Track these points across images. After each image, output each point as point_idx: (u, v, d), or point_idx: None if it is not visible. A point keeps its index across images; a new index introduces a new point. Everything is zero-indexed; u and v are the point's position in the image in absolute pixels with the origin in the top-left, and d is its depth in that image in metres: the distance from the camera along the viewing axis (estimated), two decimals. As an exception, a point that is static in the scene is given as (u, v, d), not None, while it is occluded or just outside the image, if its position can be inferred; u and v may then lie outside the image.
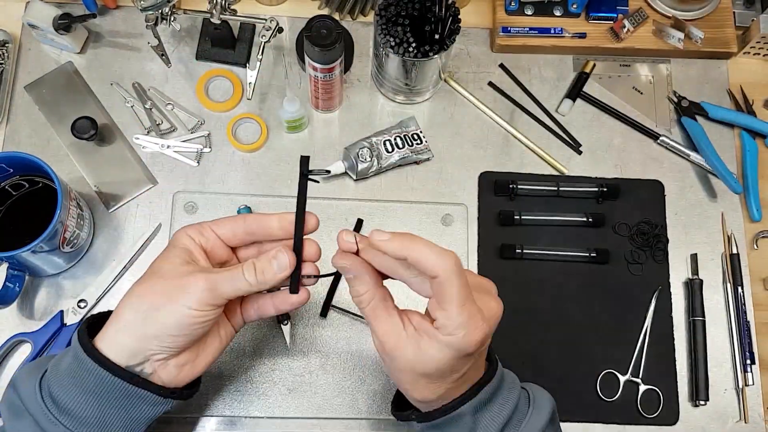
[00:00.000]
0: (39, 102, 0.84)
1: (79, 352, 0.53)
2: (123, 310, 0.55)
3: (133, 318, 0.54)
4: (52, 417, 0.53)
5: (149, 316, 0.53)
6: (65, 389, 0.53)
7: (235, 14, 0.80)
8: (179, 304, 0.53)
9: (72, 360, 0.54)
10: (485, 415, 0.55)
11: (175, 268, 0.55)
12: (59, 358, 0.56)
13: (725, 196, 0.86)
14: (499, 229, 0.83)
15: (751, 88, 0.91)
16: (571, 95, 0.89)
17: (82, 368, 0.53)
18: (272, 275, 0.55)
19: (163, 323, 0.53)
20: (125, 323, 0.54)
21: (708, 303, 0.81)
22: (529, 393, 0.59)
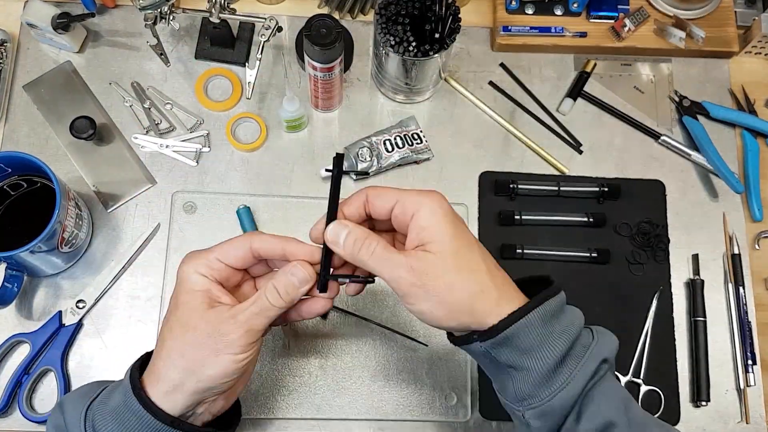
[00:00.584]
0: (37, 101, 0.83)
1: (130, 399, 0.52)
2: (167, 369, 0.53)
3: (179, 377, 0.52)
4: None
5: (196, 373, 0.52)
6: (107, 426, 0.53)
7: (235, 13, 0.80)
8: (224, 356, 0.52)
9: (121, 403, 0.53)
10: (555, 327, 0.52)
11: (203, 317, 0.53)
12: (109, 393, 0.55)
13: (726, 196, 0.86)
14: (500, 229, 0.83)
15: (753, 88, 0.91)
16: (572, 94, 0.88)
17: (130, 412, 0.52)
18: (296, 291, 0.54)
19: (212, 376, 0.52)
20: (173, 384, 0.53)
21: (709, 303, 0.81)
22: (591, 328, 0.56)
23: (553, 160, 0.85)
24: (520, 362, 0.52)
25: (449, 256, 0.51)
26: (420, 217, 0.52)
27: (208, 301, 0.54)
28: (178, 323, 0.54)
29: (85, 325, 0.76)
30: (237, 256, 0.56)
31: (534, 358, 0.51)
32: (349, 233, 0.53)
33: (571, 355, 0.52)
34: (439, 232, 0.52)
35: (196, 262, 0.55)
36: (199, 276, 0.54)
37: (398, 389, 0.76)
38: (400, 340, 0.78)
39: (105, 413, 0.53)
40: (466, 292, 0.51)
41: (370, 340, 0.77)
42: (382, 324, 0.77)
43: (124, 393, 0.53)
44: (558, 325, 0.52)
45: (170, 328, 0.54)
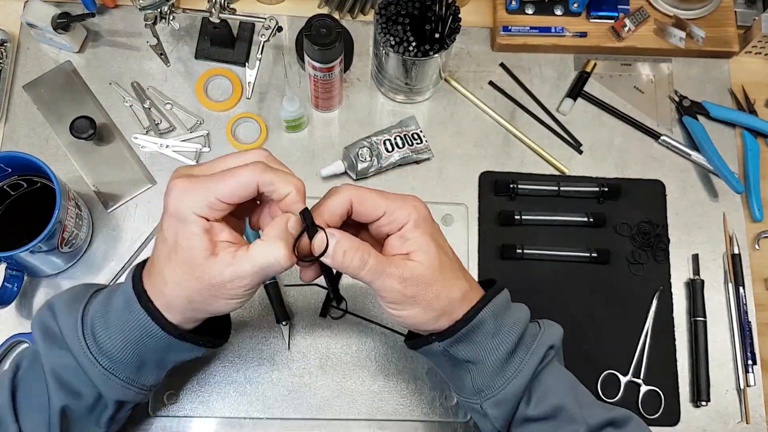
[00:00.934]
0: (37, 101, 0.83)
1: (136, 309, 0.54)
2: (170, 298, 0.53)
3: (182, 307, 0.54)
4: (91, 357, 0.55)
5: (201, 311, 0.54)
6: (110, 336, 0.55)
7: (235, 13, 0.80)
8: (227, 300, 0.53)
9: (125, 310, 0.55)
10: (506, 318, 0.58)
11: (206, 268, 0.51)
12: (107, 299, 0.57)
13: (726, 196, 0.86)
14: (500, 229, 0.83)
15: (753, 88, 0.91)
16: (572, 94, 0.88)
17: (135, 320, 0.54)
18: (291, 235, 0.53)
19: (214, 312, 0.55)
20: (175, 310, 0.54)
21: (709, 303, 0.81)
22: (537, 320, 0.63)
23: (553, 160, 0.85)
24: (476, 356, 0.57)
25: (436, 267, 0.55)
26: (407, 228, 0.55)
27: (210, 246, 0.51)
28: (180, 268, 0.52)
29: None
30: (242, 196, 0.52)
31: (488, 351, 0.57)
32: (338, 243, 0.53)
33: (521, 345, 0.58)
34: (425, 243, 0.55)
35: (191, 201, 0.51)
36: (196, 217, 0.51)
37: (398, 389, 0.76)
38: (400, 339, 0.78)
39: (106, 321, 0.55)
40: (448, 299, 0.55)
41: (370, 340, 0.77)
42: (382, 324, 0.77)
43: (128, 304, 0.54)
44: (507, 318, 0.58)
45: (173, 271, 0.52)
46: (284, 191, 0.53)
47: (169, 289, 0.53)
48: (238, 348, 0.76)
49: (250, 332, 0.76)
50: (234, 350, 0.76)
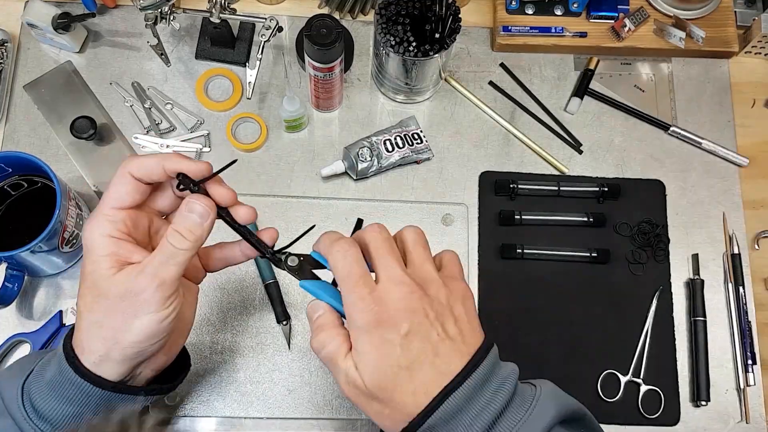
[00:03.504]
0: (38, 101, 0.83)
1: (65, 369, 0.51)
2: (89, 341, 0.50)
3: (104, 347, 0.50)
4: (32, 424, 0.51)
5: (119, 341, 0.50)
6: (46, 400, 0.51)
7: (235, 13, 0.80)
8: (142, 316, 0.49)
9: (57, 374, 0.51)
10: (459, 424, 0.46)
11: (112, 281, 0.49)
12: (44, 365, 0.53)
13: (726, 195, 0.86)
14: (500, 229, 0.83)
15: (753, 88, 0.91)
16: (578, 93, 0.88)
17: (66, 381, 0.51)
18: (200, 228, 0.51)
19: (136, 342, 0.50)
20: (99, 354, 0.50)
21: (709, 303, 0.81)
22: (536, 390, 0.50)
23: (552, 160, 0.86)
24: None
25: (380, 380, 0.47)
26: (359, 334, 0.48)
27: (117, 265, 0.49)
28: (89, 293, 0.50)
29: (86, 324, 0.76)
30: (128, 192, 0.50)
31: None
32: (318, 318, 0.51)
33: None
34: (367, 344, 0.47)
35: (96, 222, 0.50)
36: (104, 238, 0.49)
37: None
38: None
39: (42, 386, 0.52)
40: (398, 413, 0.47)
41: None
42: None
43: (59, 363, 0.51)
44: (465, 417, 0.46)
45: (83, 299, 0.50)
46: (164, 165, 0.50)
47: (83, 319, 0.50)
48: (238, 348, 0.76)
49: (251, 332, 0.77)
50: (234, 350, 0.76)
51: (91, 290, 0.50)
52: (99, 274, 0.49)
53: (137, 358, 0.51)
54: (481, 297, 0.80)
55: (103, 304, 0.49)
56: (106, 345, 0.50)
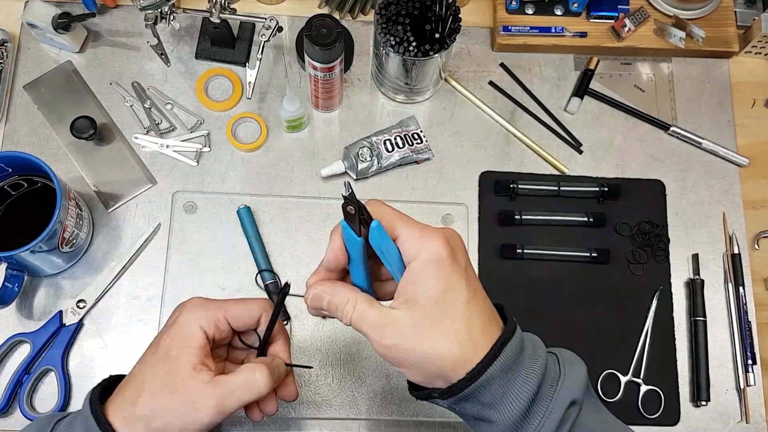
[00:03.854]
0: (38, 101, 0.83)
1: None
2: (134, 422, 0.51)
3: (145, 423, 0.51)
4: None
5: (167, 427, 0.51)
6: None
7: (235, 13, 0.80)
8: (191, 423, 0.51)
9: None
10: (517, 376, 0.48)
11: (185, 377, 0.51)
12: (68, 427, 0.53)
13: (726, 195, 0.86)
14: (500, 229, 0.83)
15: (753, 88, 0.91)
16: (579, 93, 0.88)
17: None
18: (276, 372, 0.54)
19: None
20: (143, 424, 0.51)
21: (709, 303, 0.81)
22: (557, 355, 0.52)
23: (553, 160, 0.86)
24: (486, 415, 0.49)
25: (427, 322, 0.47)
26: (412, 268, 0.48)
27: (197, 361, 0.52)
28: (162, 379, 0.52)
29: (86, 324, 0.76)
30: (246, 322, 0.55)
31: (499, 411, 0.48)
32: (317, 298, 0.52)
33: (537, 402, 0.48)
34: (425, 292, 0.47)
35: (201, 314, 0.53)
36: (200, 330, 0.53)
37: (399, 389, 0.76)
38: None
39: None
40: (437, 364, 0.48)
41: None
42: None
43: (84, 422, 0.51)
44: (521, 370, 0.48)
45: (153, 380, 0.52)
46: None
47: (141, 400, 0.51)
48: (238, 348, 0.76)
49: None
50: (234, 350, 0.76)
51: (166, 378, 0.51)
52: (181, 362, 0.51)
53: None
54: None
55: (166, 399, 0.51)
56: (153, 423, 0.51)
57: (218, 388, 0.51)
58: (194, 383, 0.51)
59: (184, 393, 0.51)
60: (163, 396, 0.51)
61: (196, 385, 0.51)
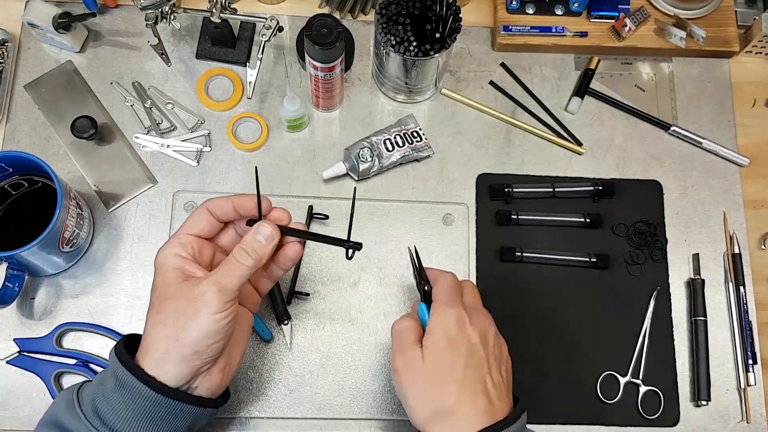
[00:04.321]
0: (38, 101, 0.83)
1: (127, 379, 0.55)
2: (153, 342, 0.56)
3: (165, 346, 0.55)
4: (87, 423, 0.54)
5: (181, 338, 0.55)
6: (116, 413, 0.54)
7: (235, 13, 0.80)
8: (201, 315, 0.55)
9: (116, 386, 0.55)
10: None
11: (177, 288, 0.56)
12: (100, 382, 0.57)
13: (727, 195, 0.86)
14: (498, 232, 0.82)
15: (753, 88, 0.91)
16: (579, 93, 0.88)
17: (132, 393, 0.54)
18: (263, 249, 0.58)
19: (196, 339, 0.55)
20: (162, 353, 0.55)
21: (710, 303, 0.81)
22: None
23: (564, 143, 0.86)
24: None
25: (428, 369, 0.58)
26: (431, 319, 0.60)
27: (183, 276, 0.57)
28: (157, 300, 0.57)
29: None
30: (200, 224, 0.60)
31: None
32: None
33: None
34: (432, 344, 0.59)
35: (168, 244, 0.59)
36: (172, 256, 0.58)
37: (399, 389, 0.76)
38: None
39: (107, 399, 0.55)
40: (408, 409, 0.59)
41: (372, 340, 0.78)
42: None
43: (113, 373, 0.56)
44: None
45: (152, 307, 0.57)
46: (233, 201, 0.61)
47: (149, 322, 0.57)
48: (238, 347, 0.76)
49: (252, 332, 0.77)
50: (235, 350, 0.76)
51: (159, 298, 0.57)
52: (167, 283, 0.57)
53: (194, 362, 0.56)
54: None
55: (168, 306, 0.56)
56: (168, 343, 0.55)
57: (211, 276, 0.56)
58: (188, 285, 0.56)
59: (183, 294, 0.55)
60: (166, 311, 0.56)
61: (190, 285, 0.56)
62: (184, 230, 0.60)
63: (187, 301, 0.55)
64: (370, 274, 0.80)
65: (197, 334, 0.55)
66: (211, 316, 0.55)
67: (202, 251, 0.60)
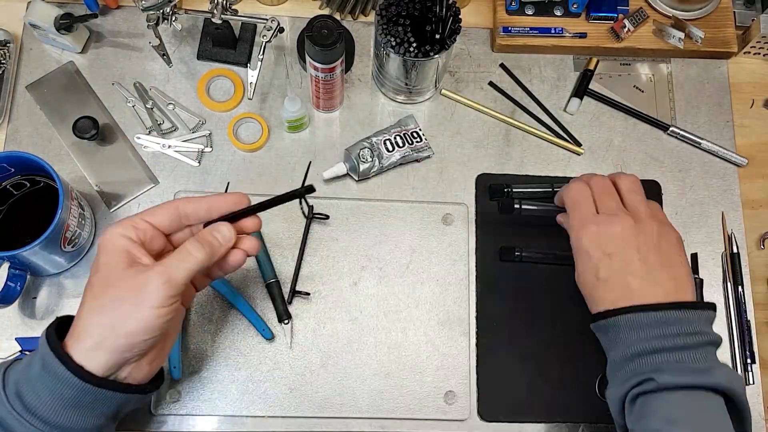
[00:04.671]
0: (40, 102, 0.84)
1: (54, 365, 0.52)
2: (86, 328, 0.53)
3: (100, 333, 0.52)
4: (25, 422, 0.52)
5: (117, 328, 0.52)
6: (40, 398, 0.52)
7: (236, 14, 0.80)
8: (143, 308, 0.52)
9: (42, 370, 0.52)
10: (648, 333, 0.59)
11: (123, 273, 0.53)
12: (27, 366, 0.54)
13: (725, 195, 0.86)
14: (498, 232, 0.83)
15: (751, 88, 0.91)
16: (578, 94, 0.89)
17: (58, 379, 0.52)
18: (219, 246, 0.57)
19: (133, 332, 0.53)
20: (94, 341, 0.52)
21: (708, 302, 0.81)
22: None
23: (564, 143, 0.86)
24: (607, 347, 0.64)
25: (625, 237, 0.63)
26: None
27: (128, 261, 0.54)
28: (98, 283, 0.54)
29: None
30: (164, 217, 0.58)
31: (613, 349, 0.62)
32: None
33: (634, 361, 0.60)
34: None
35: (120, 225, 0.56)
36: (121, 237, 0.55)
37: (399, 388, 0.76)
38: (401, 338, 0.78)
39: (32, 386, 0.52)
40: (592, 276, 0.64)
41: (372, 338, 0.78)
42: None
43: (46, 363, 0.52)
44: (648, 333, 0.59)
45: (91, 288, 0.54)
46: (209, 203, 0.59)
47: (85, 307, 0.53)
48: (240, 346, 0.76)
49: (252, 331, 0.77)
50: (236, 348, 0.76)
51: (100, 281, 0.54)
52: (111, 266, 0.54)
53: (127, 354, 0.53)
54: (480, 299, 0.80)
55: (109, 293, 0.53)
56: (103, 331, 0.52)
57: (159, 266, 0.54)
58: (132, 271, 0.53)
59: (126, 282, 0.53)
60: (106, 296, 0.53)
61: (135, 272, 0.53)
62: (142, 216, 0.57)
63: (130, 289, 0.52)
64: (370, 274, 0.80)
65: (135, 327, 0.52)
66: (153, 310, 0.52)
67: (153, 240, 0.57)
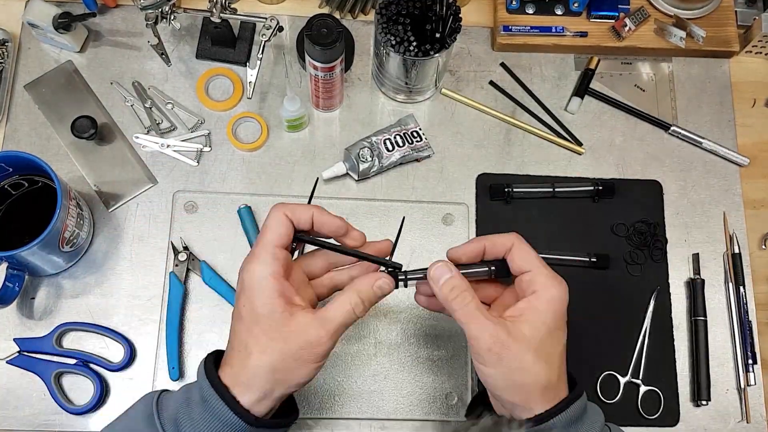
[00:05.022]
0: (39, 101, 0.84)
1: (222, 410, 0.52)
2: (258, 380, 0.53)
3: (270, 387, 0.53)
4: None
5: (285, 382, 0.53)
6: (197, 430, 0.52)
7: (236, 13, 0.80)
8: (312, 365, 0.53)
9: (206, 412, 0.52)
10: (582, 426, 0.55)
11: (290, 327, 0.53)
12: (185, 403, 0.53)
13: (727, 195, 0.86)
14: (499, 232, 0.82)
15: (753, 88, 0.91)
16: (579, 93, 0.88)
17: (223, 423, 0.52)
18: (377, 300, 0.56)
19: (299, 384, 0.54)
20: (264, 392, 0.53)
21: (710, 303, 0.81)
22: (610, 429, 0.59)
23: (564, 143, 0.86)
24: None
25: (536, 344, 0.53)
26: (539, 297, 0.55)
27: (288, 307, 0.53)
28: (264, 335, 0.53)
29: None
30: (281, 230, 0.55)
31: None
32: (449, 279, 0.55)
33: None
34: (542, 321, 0.54)
35: (261, 260, 0.54)
36: (271, 279, 0.53)
37: (399, 388, 0.76)
38: (401, 339, 0.78)
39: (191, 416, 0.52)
40: (533, 382, 0.53)
41: (372, 339, 0.78)
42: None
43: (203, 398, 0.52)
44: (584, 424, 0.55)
45: (256, 339, 0.53)
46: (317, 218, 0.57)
47: (254, 359, 0.52)
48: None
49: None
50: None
51: (268, 333, 0.53)
52: (275, 319, 0.53)
53: (284, 396, 0.54)
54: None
55: (280, 351, 0.52)
56: (273, 386, 0.53)
57: (326, 324, 0.53)
58: (298, 325, 0.53)
59: (298, 336, 0.52)
60: (276, 347, 0.52)
61: (304, 327, 0.53)
62: (272, 242, 0.54)
63: (302, 349, 0.52)
64: (370, 274, 0.80)
65: (303, 380, 0.54)
66: (319, 363, 0.54)
67: (288, 267, 0.56)
